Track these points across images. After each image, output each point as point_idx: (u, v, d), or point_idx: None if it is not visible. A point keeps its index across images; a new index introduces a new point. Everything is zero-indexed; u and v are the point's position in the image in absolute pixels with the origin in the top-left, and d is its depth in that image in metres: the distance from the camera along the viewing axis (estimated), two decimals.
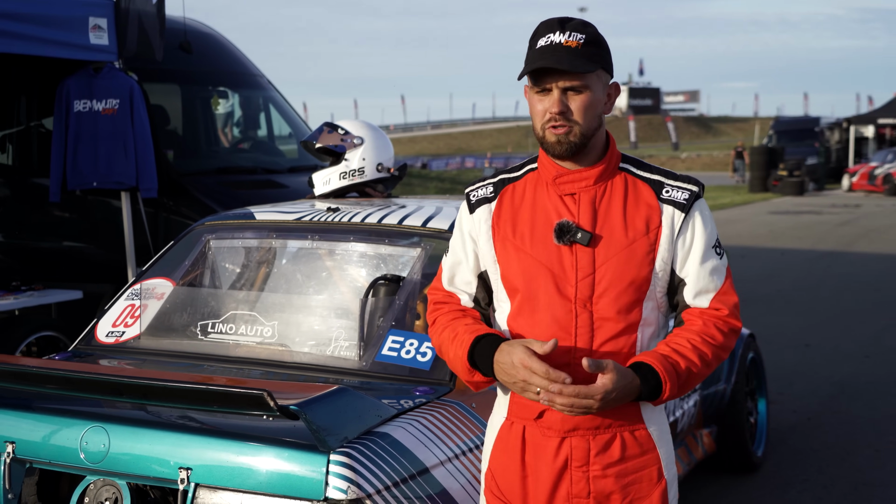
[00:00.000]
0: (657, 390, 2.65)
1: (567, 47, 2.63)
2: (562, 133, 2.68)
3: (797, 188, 33.63)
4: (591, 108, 2.68)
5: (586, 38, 2.66)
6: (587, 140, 2.70)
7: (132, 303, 4.32)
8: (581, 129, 2.68)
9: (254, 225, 4.51)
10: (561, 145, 2.69)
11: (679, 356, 2.69)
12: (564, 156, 2.71)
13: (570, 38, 2.65)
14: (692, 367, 2.69)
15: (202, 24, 9.06)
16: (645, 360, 2.67)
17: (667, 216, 2.74)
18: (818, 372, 8.89)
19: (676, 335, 2.75)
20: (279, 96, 9.39)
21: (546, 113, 2.68)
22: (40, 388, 3.44)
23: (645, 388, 2.63)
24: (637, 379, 2.63)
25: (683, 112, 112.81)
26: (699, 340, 2.72)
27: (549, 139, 2.70)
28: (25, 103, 8.07)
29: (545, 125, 2.69)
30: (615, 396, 2.59)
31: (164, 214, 7.62)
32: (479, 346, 2.74)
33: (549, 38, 2.66)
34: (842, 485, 6.10)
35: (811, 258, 16.87)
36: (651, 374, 2.65)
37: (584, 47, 2.65)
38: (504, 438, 2.81)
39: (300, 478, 2.97)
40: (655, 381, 2.64)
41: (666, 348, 2.71)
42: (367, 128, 5.10)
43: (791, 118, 49.24)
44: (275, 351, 3.97)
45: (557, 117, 2.66)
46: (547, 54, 2.64)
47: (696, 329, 2.74)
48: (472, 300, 2.91)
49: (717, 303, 2.77)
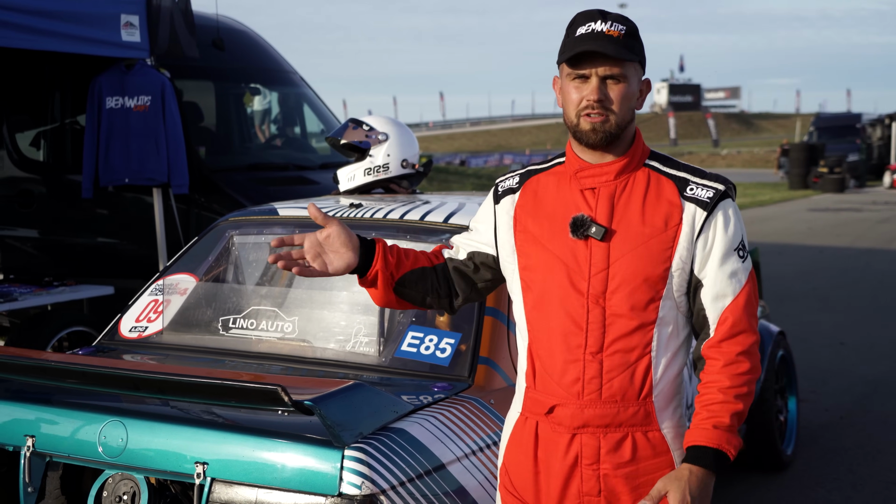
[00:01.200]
0: (720, 455, 2.63)
1: (609, 36, 2.63)
2: (598, 122, 2.66)
3: (838, 185, 33.35)
4: (627, 100, 2.67)
5: (627, 30, 2.66)
6: (621, 131, 2.69)
7: (155, 298, 4.34)
8: (617, 118, 2.66)
9: (277, 221, 4.52)
10: (596, 133, 2.67)
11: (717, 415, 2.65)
12: (598, 145, 2.69)
13: (612, 27, 2.64)
14: (731, 407, 2.66)
15: (235, 21, 9.09)
16: (693, 442, 2.65)
17: (688, 214, 2.70)
18: (853, 370, 8.81)
19: (705, 390, 2.69)
20: (312, 93, 9.41)
21: (583, 100, 2.66)
22: (59, 382, 3.47)
23: (710, 466, 2.62)
24: (695, 469, 2.61)
25: (724, 109, 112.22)
26: (732, 398, 2.66)
27: (583, 127, 2.68)
28: (59, 100, 8.13)
29: (580, 112, 2.67)
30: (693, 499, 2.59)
31: (195, 210, 7.66)
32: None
33: (589, 27, 2.65)
34: (872, 484, 6.04)
35: (850, 255, 16.72)
36: (703, 452, 2.63)
37: (624, 38, 2.65)
38: (518, 434, 2.81)
39: (315, 473, 2.97)
40: (713, 452, 2.62)
41: (702, 409, 2.67)
42: (392, 124, 5.10)
43: (832, 114, 48.83)
44: (295, 346, 3.97)
45: (595, 104, 2.65)
46: (590, 40, 2.63)
47: (720, 385, 2.67)
48: (467, 257, 2.95)
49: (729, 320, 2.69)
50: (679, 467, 2.64)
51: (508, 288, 2.90)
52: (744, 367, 2.67)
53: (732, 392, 2.65)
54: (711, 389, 2.67)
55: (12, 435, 3.41)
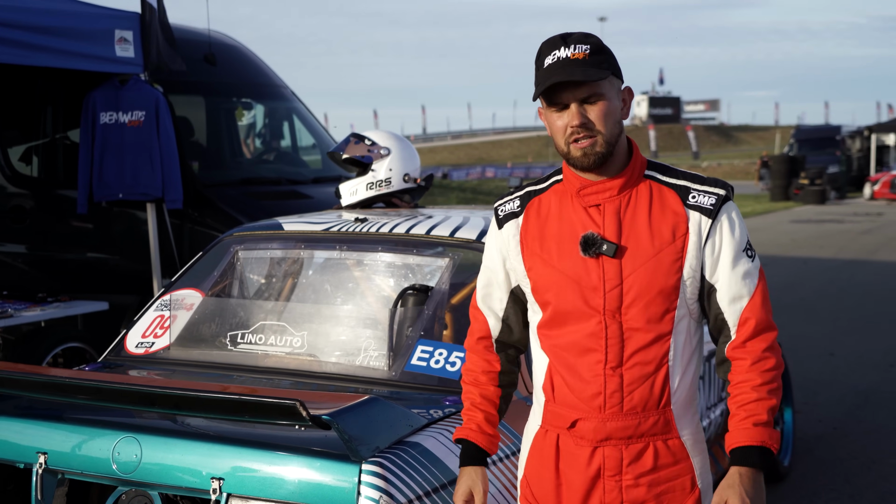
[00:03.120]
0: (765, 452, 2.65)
1: (575, 60, 2.64)
2: (587, 145, 2.68)
3: (819, 197, 33.53)
4: (610, 116, 2.69)
5: (591, 49, 2.66)
6: (612, 148, 2.70)
7: (161, 314, 4.34)
8: (604, 137, 2.68)
9: (282, 235, 4.53)
10: (587, 157, 2.69)
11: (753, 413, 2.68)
12: (592, 167, 2.71)
13: (576, 50, 2.65)
14: (765, 403, 2.68)
15: (226, 36, 9.10)
16: (732, 444, 2.68)
17: (693, 223, 2.73)
18: (843, 381, 8.86)
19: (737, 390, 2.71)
20: (303, 107, 9.41)
21: (567, 128, 2.68)
22: (72, 398, 3.46)
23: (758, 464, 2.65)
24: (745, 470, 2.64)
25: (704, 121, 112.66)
26: (766, 393, 2.69)
27: (574, 154, 2.70)
28: (51, 115, 8.11)
29: (568, 140, 2.69)
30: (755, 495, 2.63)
31: (189, 225, 7.65)
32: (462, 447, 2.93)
33: (555, 56, 2.66)
34: (869, 495, 6.08)
35: (834, 267, 16.80)
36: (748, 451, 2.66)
37: (591, 57, 2.65)
38: (538, 447, 2.83)
39: (332, 487, 2.98)
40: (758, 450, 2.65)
41: (738, 409, 2.69)
42: (394, 138, 5.12)
43: (812, 127, 49.14)
44: (304, 361, 3.98)
45: (579, 130, 2.66)
46: (557, 70, 2.64)
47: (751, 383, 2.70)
48: (499, 322, 2.94)
49: (750, 319, 2.73)
50: (729, 473, 2.66)
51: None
52: (771, 362, 2.71)
53: (765, 389, 2.68)
54: (744, 389, 2.69)
55: (24, 452, 3.41)
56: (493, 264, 2.92)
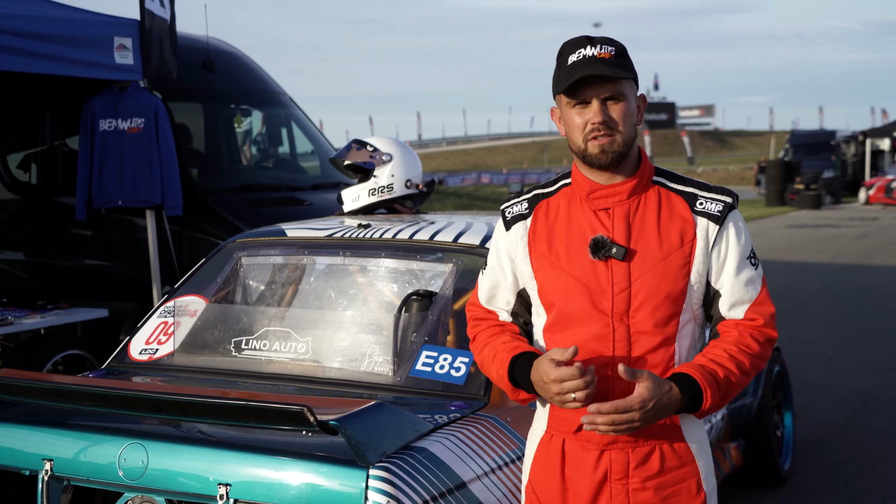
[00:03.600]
0: (697, 399, 2.66)
1: (602, 59, 2.67)
2: (606, 143, 2.70)
3: (814, 202, 33.56)
4: (630, 117, 2.72)
5: (616, 50, 2.70)
6: (628, 149, 2.73)
7: (165, 320, 4.34)
8: (623, 137, 2.71)
9: (285, 242, 4.54)
10: (606, 155, 2.70)
11: (717, 365, 2.70)
12: (609, 165, 2.73)
13: (602, 50, 2.68)
14: (731, 376, 2.70)
15: (225, 43, 9.10)
16: (682, 370, 2.69)
17: (701, 229, 2.76)
18: (842, 385, 8.87)
19: (713, 346, 2.77)
20: (301, 114, 9.42)
21: (587, 124, 2.70)
22: (77, 405, 3.46)
23: (685, 396, 2.64)
24: (675, 388, 2.63)
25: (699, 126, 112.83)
26: (735, 350, 2.73)
27: (592, 151, 2.71)
28: (50, 122, 8.11)
29: (587, 137, 2.70)
30: (653, 406, 2.59)
31: (188, 232, 7.65)
32: (517, 366, 2.76)
33: (580, 53, 2.69)
34: (870, 498, 6.09)
35: (831, 271, 16.82)
36: (689, 383, 2.66)
37: (616, 58, 2.68)
38: (544, 451, 2.83)
39: (339, 493, 2.98)
40: (694, 389, 2.65)
41: (703, 359, 2.73)
42: (396, 144, 5.12)
43: (807, 132, 49.19)
44: (308, 367, 3.98)
45: (601, 127, 2.68)
46: (583, 66, 2.66)
47: (732, 339, 2.76)
48: (510, 315, 2.94)
49: (752, 313, 2.79)
50: (665, 380, 2.64)
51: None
52: (754, 348, 2.75)
53: (734, 361, 2.72)
54: (717, 348, 2.75)
55: (29, 459, 3.41)
56: (501, 266, 2.92)
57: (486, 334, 2.92)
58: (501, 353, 2.82)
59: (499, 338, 2.88)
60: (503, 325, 2.93)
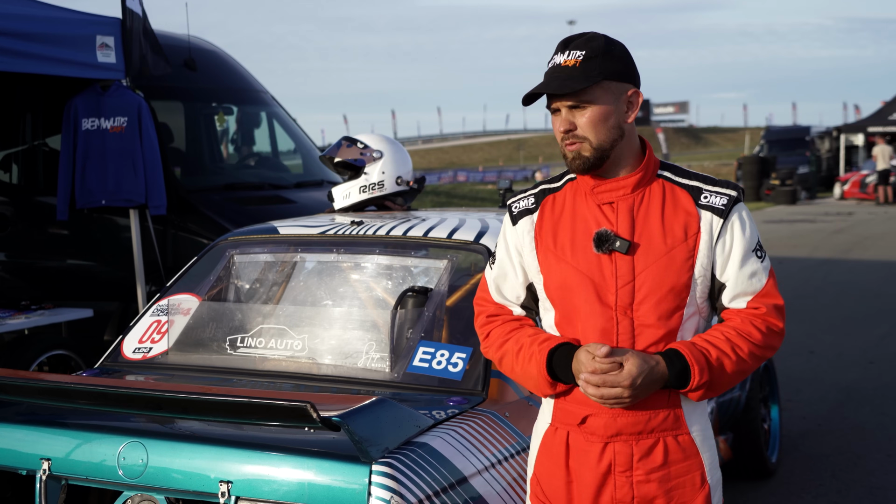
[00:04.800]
0: (685, 375, 2.67)
1: (564, 67, 2.71)
2: (574, 150, 2.74)
3: (790, 197, 33.70)
4: (600, 122, 2.72)
5: (586, 54, 2.70)
6: (603, 153, 2.74)
7: (158, 319, 4.32)
8: (592, 143, 2.73)
9: (278, 239, 4.53)
10: (574, 161, 2.76)
11: (710, 346, 2.72)
12: (581, 171, 2.77)
13: (569, 56, 2.72)
14: (724, 359, 2.71)
15: (206, 42, 9.07)
16: (673, 346, 2.71)
17: (705, 222, 2.77)
18: (824, 378, 8.93)
19: (712, 330, 2.80)
20: (283, 112, 9.40)
21: (558, 132, 2.76)
22: (75, 404, 3.44)
23: (671, 371, 2.66)
24: (662, 363, 2.66)
25: (673, 123, 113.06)
26: (734, 334, 2.75)
27: (567, 156, 2.78)
28: (31, 122, 8.06)
29: (562, 143, 2.77)
30: (642, 382, 2.63)
31: (172, 231, 7.61)
32: (556, 358, 2.76)
33: (553, 61, 2.75)
34: (856, 490, 6.13)
35: (809, 266, 16.90)
36: (676, 358, 2.68)
37: (582, 64, 2.70)
38: (548, 444, 2.84)
39: (342, 489, 2.98)
40: (682, 365, 2.67)
41: (698, 339, 2.76)
42: (386, 141, 5.12)
43: (782, 127, 49.30)
44: (304, 364, 3.97)
45: (565, 135, 2.74)
46: (546, 79, 2.73)
47: (732, 325, 2.78)
48: (522, 310, 2.94)
49: (755, 303, 2.80)
50: (652, 355, 2.68)
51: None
52: (755, 335, 2.77)
53: (730, 344, 2.74)
54: (715, 331, 2.78)
55: (27, 458, 3.39)
56: (511, 260, 2.92)
57: (505, 329, 2.91)
58: (529, 346, 2.81)
59: (521, 332, 2.87)
60: (520, 319, 2.94)
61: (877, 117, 39.89)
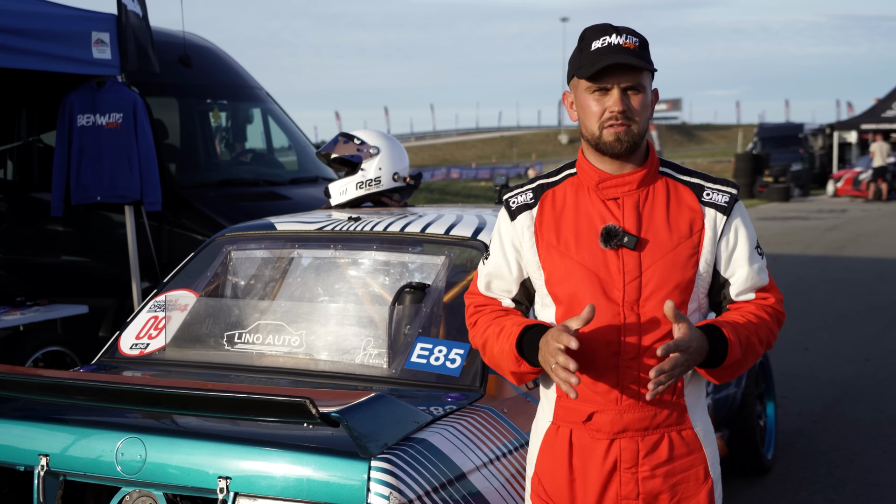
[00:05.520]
0: (722, 350, 2.68)
1: (627, 48, 2.68)
2: (622, 131, 2.71)
3: (783, 194, 33.74)
4: (646, 109, 2.74)
5: (639, 42, 2.72)
6: (641, 140, 2.75)
7: (155, 315, 4.32)
8: (638, 127, 2.72)
9: (275, 235, 4.52)
10: (620, 143, 2.72)
11: (737, 325, 2.74)
12: (622, 154, 2.74)
13: (627, 40, 2.70)
14: (752, 337, 2.75)
15: (201, 38, 9.06)
16: (708, 322, 2.73)
17: (709, 219, 2.78)
18: (819, 375, 8.94)
19: (729, 313, 2.82)
20: (278, 108, 9.40)
21: (605, 112, 2.71)
22: (73, 400, 3.43)
23: (711, 346, 2.66)
24: (704, 336, 2.66)
25: (666, 120, 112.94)
26: (752, 317, 2.79)
27: (606, 138, 2.72)
28: (26, 118, 8.05)
29: (604, 124, 2.71)
30: (695, 347, 2.61)
31: (167, 228, 7.61)
32: (527, 335, 2.76)
33: (605, 41, 2.70)
34: (852, 486, 6.13)
35: (802, 263, 16.93)
36: (715, 331, 2.69)
37: (639, 49, 2.71)
38: (550, 443, 2.83)
39: (341, 485, 2.97)
40: (721, 339, 2.69)
41: (721, 319, 2.77)
42: (383, 137, 5.11)
43: (775, 125, 49.29)
44: (302, 360, 3.97)
45: (619, 115, 2.70)
46: (609, 54, 2.68)
47: (748, 310, 2.81)
48: (512, 302, 2.94)
49: (763, 294, 2.84)
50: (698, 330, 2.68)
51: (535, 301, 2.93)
52: (767, 320, 2.81)
53: (752, 325, 2.77)
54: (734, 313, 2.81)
55: (25, 454, 3.38)
56: (506, 256, 2.90)
57: (491, 316, 2.90)
58: (510, 327, 2.81)
59: (507, 318, 2.87)
60: (507, 310, 2.93)
61: (870, 114, 39.98)
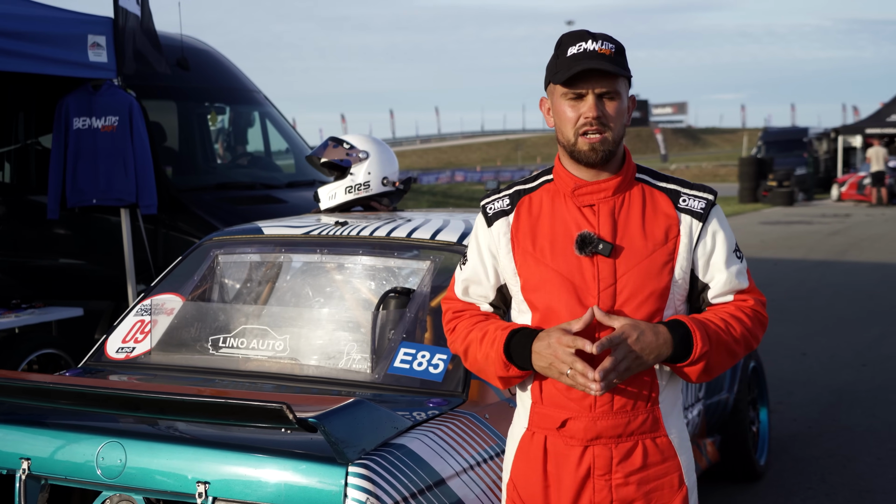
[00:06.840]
0: (687, 343, 2.68)
1: (602, 54, 2.68)
2: (596, 140, 2.70)
3: (787, 198, 33.69)
4: (621, 115, 2.73)
5: (615, 48, 2.71)
6: (617, 147, 2.74)
7: (141, 318, 4.33)
8: (613, 135, 2.72)
9: (262, 240, 4.53)
10: (595, 152, 2.71)
11: (706, 320, 2.74)
12: (598, 163, 2.73)
13: (603, 46, 2.69)
14: (721, 333, 2.73)
15: (199, 41, 9.07)
16: (671, 318, 2.73)
17: (685, 225, 2.78)
18: (816, 381, 8.93)
19: (703, 312, 2.83)
20: (276, 112, 9.40)
21: (580, 118, 2.70)
22: (55, 404, 3.44)
23: (674, 336, 2.66)
24: (662, 327, 2.67)
25: (671, 124, 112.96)
26: (727, 316, 2.78)
27: (581, 147, 2.72)
28: (23, 120, 8.06)
29: (578, 131, 2.71)
30: (641, 333, 2.62)
31: (163, 231, 7.62)
32: (515, 339, 2.75)
33: (580, 46, 2.69)
34: (844, 493, 6.12)
35: (804, 268, 16.91)
36: (678, 324, 2.69)
37: (615, 55, 2.70)
38: (525, 449, 2.83)
39: (319, 490, 2.98)
40: (684, 331, 2.68)
41: (694, 315, 2.78)
42: (372, 142, 5.12)
43: (780, 129, 49.27)
44: (286, 365, 3.98)
45: (593, 122, 2.69)
46: (584, 59, 2.67)
47: (724, 309, 2.81)
48: (490, 307, 2.93)
49: (742, 297, 2.83)
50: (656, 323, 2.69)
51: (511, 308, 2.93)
52: (746, 321, 2.80)
53: (725, 323, 2.77)
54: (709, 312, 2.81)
55: (6, 458, 3.40)
56: (483, 262, 2.90)
57: (472, 321, 2.89)
58: (494, 331, 2.80)
59: (488, 322, 2.86)
60: (487, 314, 2.93)
61: (875, 119, 39.86)
